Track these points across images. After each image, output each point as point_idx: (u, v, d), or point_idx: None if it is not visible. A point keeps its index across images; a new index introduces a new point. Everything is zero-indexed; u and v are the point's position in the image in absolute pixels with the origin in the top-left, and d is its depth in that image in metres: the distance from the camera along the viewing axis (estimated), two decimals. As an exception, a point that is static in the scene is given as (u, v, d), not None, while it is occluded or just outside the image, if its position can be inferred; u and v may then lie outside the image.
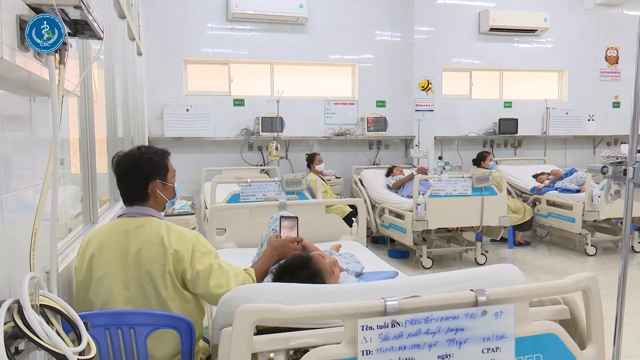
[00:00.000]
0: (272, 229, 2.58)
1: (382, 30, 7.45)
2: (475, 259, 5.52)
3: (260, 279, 2.12)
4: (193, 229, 4.51)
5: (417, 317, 1.41)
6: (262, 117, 6.81)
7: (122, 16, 4.14)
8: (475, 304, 1.46)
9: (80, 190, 2.92)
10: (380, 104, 7.47)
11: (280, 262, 2.10)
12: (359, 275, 2.75)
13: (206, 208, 5.31)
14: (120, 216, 2.02)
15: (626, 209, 1.91)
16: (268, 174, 6.78)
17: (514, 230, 6.31)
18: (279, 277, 1.96)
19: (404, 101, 7.43)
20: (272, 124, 6.76)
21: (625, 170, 1.92)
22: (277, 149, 6.56)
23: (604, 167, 2.00)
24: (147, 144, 6.18)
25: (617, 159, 1.97)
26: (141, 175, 1.98)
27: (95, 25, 1.58)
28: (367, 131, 7.21)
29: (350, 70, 7.56)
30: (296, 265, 1.98)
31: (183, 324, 1.79)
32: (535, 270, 5.42)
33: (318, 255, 2.07)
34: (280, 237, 2.29)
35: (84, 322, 1.44)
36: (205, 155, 6.87)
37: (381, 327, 1.39)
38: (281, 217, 2.39)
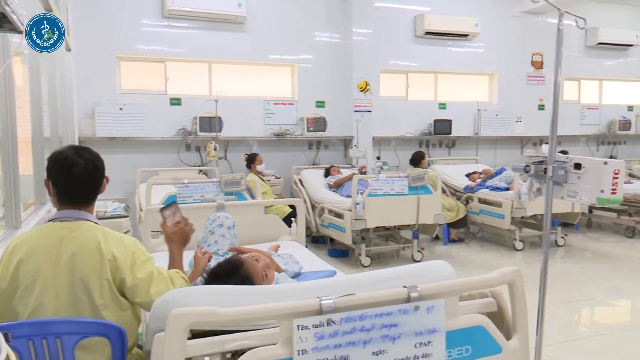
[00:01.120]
0: (209, 230, 2.54)
1: (322, 31, 7.51)
2: (412, 256, 5.67)
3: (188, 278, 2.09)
4: (127, 232, 4.37)
5: (352, 315, 1.43)
6: (200, 117, 6.68)
7: (49, 9, 3.93)
8: (408, 300, 1.50)
9: (2, 193, 2.75)
10: (320, 104, 7.52)
11: (211, 267, 2.06)
12: (297, 275, 2.76)
13: (141, 210, 5.15)
14: (51, 220, 1.92)
15: (546, 205, 2.03)
16: (206, 175, 6.67)
17: (448, 228, 6.54)
18: (210, 283, 1.93)
19: (343, 102, 7.52)
20: (211, 123, 6.65)
21: (545, 169, 2.04)
22: (215, 149, 6.46)
23: (526, 166, 2.12)
24: (77, 144, 5.91)
25: (538, 158, 2.09)
26: (100, 177, 1.96)
27: (14, 17, 1.49)
28: (307, 131, 7.24)
29: (289, 71, 7.56)
30: (226, 272, 1.96)
31: (113, 331, 1.72)
32: (469, 265, 5.63)
33: (250, 259, 2.05)
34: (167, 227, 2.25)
35: (4, 334, 1.35)
36: (141, 155, 6.65)
37: (317, 326, 1.40)
38: (160, 210, 2.34)
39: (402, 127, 7.94)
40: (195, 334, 1.50)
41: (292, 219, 4.10)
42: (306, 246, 4.31)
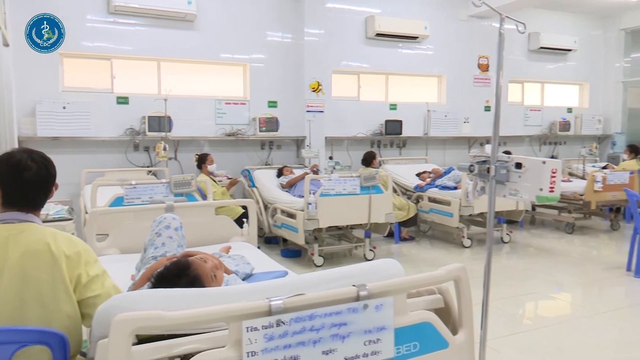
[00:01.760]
0: (156, 233, 2.48)
1: (273, 31, 7.48)
2: (364, 255, 5.74)
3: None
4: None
5: (302, 315, 1.44)
6: (148, 116, 6.51)
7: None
8: (357, 298, 1.51)
9: None
10: (272, 104, 7.49)
11: (158, 270, 2.02)
12: (249, 276, 2.74)
13: (86, 213, 4.96)
14: None
15: (490, 203, 2.10)
16: (156, 176, 6.51)
17: (399, 227, 6.66)
18: (157, 287, 1.89)
19: (296, 102, 7.52)
20: (160, 123, 6.49)
21: (488, 168, 2.12)
22: (165, 149, 6.31)
23: (471, 165, 2.19)
24: (16, 144, 5.65)
25: (482, 158, 2.17)
26: (51, 183, 1.91)
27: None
28: (259, 131, 7.19)
29: (241, 70, 7.49)
30: (174, 274, 1.92)
31: (54, 338, 1.65)
32: (419, 263, 5.75)
33: (198, 260, 2.02)
34: None
35: None
36: (86, 156, 6.42)
37: (266, 327, 1.39)
38: None
39: (354, 127, 8.02)
40: (143, 340, 1.46)
41: (244, 219, 4.05)
42: (258, 247, 4.29)
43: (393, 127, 8.11)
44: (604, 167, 8.41)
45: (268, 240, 6.55)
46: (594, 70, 10.41)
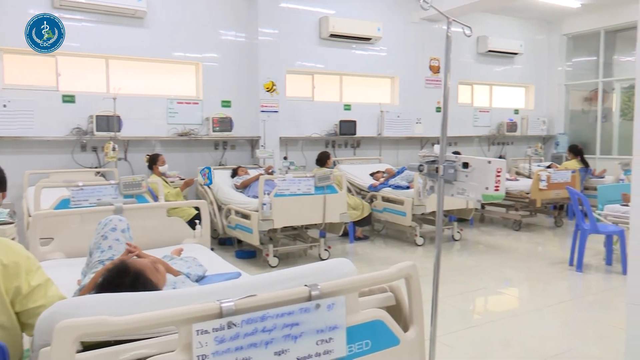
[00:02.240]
0: (102, 235, 2.41)
1: (227, 29, 7.39)
2: (319, 254, 5.76)
3: None
4: (12, 239, 4.00)
5: (254, 317, 1.42)
6: (96, 116, 6.30)
7: None
8: (309, 298, 1.51)
9: None
10: (226, 104, 7.41)
11: (99, 279, 1.96)
12: (201, 278, 2.70)
13: (29, 216, 4.75)
14: None
15: (439, 202, 2.16)
16: (104, 177, 6.31)
17: (354, 226, 6.71)
18: (102, 292, 1.83)
19: (250, 102, 7.46)
20: (109, 122, 6.30)
21: (437, 168, 2.17)
22: (114, 149, 6.12)
23: (420, 165, 2.24)
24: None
25: (431, 158, 2.22)
26: (3, 185, 1.88)
27: None
28: (213, 131, 7.09)
29: (194, 69, 7.37)
30: (115, 275, 1.87)
31: (-8, 348, 1.57)
32: (373, 261, 5.82)
33: (132, 258, 1.98)
34: None
35: None
36: (29, 156, 6.15)
37: (217, 330, 1.37)
38: None
39: (309, 127, 8.03)
40: (89, 347, 1.41)
41: (197, 221, 3.99)
42: (212, 248, 4.23)
43: (347, 128, 8.17)
44: (549, 167, 8.77)
45: (222, 241, 6.47)
46: (539, 73, 10.83)
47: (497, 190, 2.03)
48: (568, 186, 6.10)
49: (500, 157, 10.08)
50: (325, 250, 5.79)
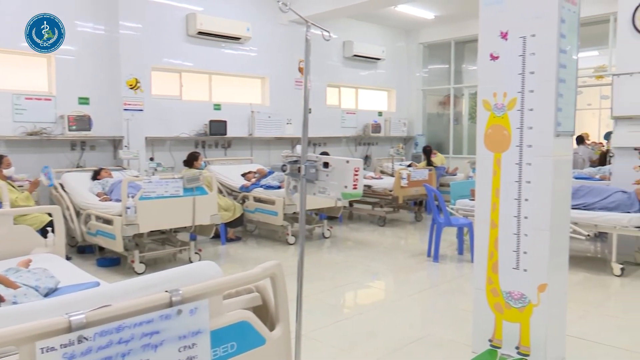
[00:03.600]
0: None
1: (84, 21, 6.84)
2: (190, 258, 5.59)
3: None
4: None
5: (108, 328, 1.33)
6: None
7: None
8: (170, 304, 1.45)
9: None
10: (84, 101, 6.86)
11: None
12: (53, 291, 2.47)
13: None
14: None
15: (301, 200, 2.21)
16: None
17: (225, 227, 6.62)
18: None
19: (111, 99, 6.99)
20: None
21: (299, 167, 2.22)
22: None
23: (283, 165, 2.27)
24: None
25: (293, 158, 2.26)
26: None
27: None
28: (68, 130, 6.52)
29: (45, 62, 6.71)
30: None
31: None
32: (246, 262, 5.79)
33: None
34: None
35: None
36: None
37: (65, 346, 1.26)
38: None
39: (177, 127, 7.75)
40: None
41: (49, 228, 3.64)
42: (69, 258, 3.90)
43: (218, 128, 8.03)
44: (409, 165, 9.44)
45: (82, 249, 5.98)
46: (400, 78, 11.61)
47: (355, 188, 2.13)
48: (425, 183, 6.61)
49: (367, 157, 10.63)
50: (196, 253, 5.63)
